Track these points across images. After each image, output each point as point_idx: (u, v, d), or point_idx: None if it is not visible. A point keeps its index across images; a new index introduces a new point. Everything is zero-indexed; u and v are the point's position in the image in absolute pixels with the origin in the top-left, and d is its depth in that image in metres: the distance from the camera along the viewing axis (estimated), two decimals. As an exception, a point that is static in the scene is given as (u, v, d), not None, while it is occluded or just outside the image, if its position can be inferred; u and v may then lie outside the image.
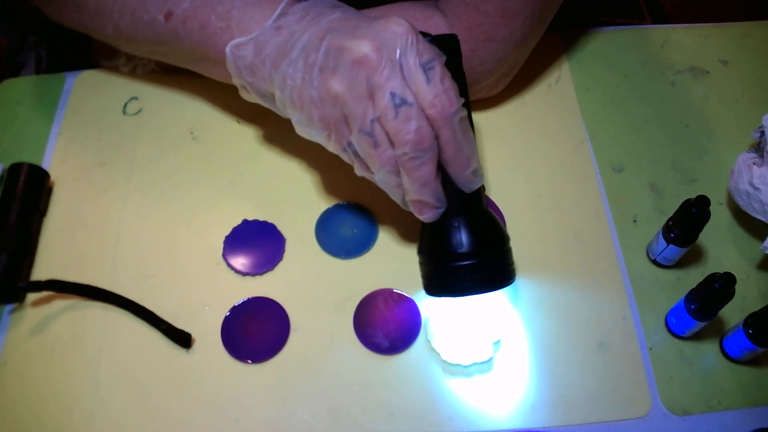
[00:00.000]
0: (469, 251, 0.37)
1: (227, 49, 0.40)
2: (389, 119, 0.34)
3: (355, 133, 0.36)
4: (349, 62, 0.34)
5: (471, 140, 0.36)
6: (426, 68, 0.34)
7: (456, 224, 0.37)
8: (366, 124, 0.35)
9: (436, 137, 0.35)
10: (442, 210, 0.38)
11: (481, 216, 0.38)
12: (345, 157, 0.39)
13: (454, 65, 0.37)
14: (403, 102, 0.34)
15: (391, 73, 0.34)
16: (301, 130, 0.39)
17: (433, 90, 0.34)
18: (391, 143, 0.35)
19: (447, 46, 0.37)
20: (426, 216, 0.38)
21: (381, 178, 0.37)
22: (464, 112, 0.35)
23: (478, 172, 0.37)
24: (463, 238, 0.37)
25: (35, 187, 0.48)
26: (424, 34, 0.37)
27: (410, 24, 0.34)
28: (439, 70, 0.34)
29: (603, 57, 0.56)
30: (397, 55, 0.34)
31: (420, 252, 0.40)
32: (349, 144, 0.37)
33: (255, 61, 0.39)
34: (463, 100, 0.35)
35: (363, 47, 0.34)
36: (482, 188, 0.39)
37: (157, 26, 0.44)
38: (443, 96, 0.34)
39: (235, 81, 0.41)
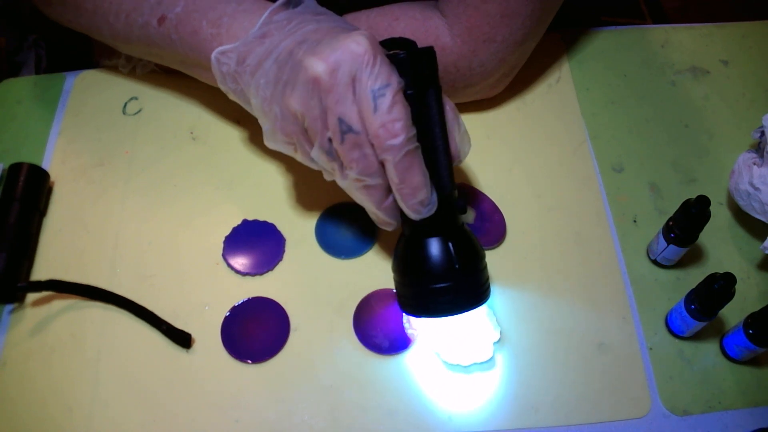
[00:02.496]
0: (442, 273, 0.36)
1: (213, 55, 0.39)
2: (337, 143, 0.34)
3: (315, 147, 0.36)
4: (304, 81, 0.34)
5: (418, 171, 0.34)
6: (376, 95, 0.32)
7: (428, 245, 0.37)
8: (324, 143, 0.35)
9: (383, 164, 0.34)
10: (397, 225, 0.38)
11: (455, 236, 0.37)
12: (313, 167, 0.39)
13: (425, 81, 0.35)
14: (349, 129, 0.33)
15: (342, 97, 0.33)
16: (268, 141, 0.39)
17: (378, 119, 0.33)
18: None
19: (420, 60, 0.35)
20: (385, 228, 0.38)
21: (345, 186, 0.37)
22: (411, 145, 0.33)
23: (426, 202, 0.35)
24: (435, 259, 0.36)
25: (35, 187, 0.48)
26: (403, 44, 0.36)
27: (372, 42, 0.33)
28: (388, 99, 0.32)
29: (603, 57, 0.56)
30: (350, 77, 0.33)
31: (393, 270, 0.39)
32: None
33: (237, 69, 0.38)
34: (414, 131, 0.33)
35: (317, 67, 0.33)
36: (455, 207, 0.37)
37: (151, 30, 0.44)
38: (388, 126, 0.33)
39: (221, 86, 0.41)
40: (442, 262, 0.36)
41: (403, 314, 0.44)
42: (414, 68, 0.35)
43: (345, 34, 0.34)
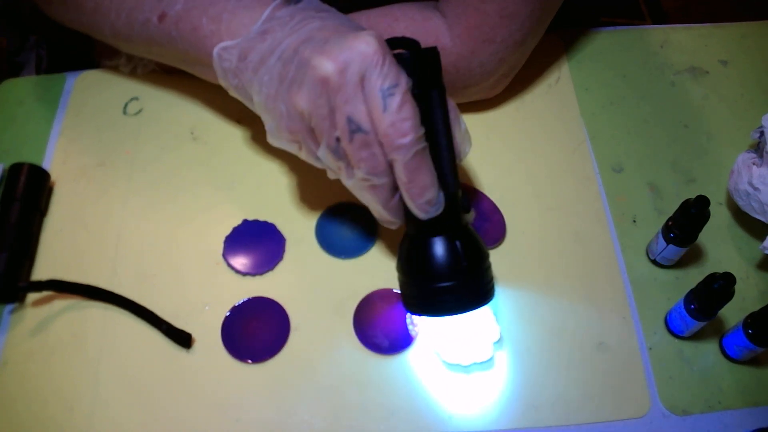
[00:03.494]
0: (448, 272, 0.36)
1: (214, 51, 0.39)
2: (345, 143, 0.34)
3: (322, 147, 0.36)
4: (312, 80, 0.34)
5: (426, 170, 0.35)
6: (385, 94, 0.33)
7: (434, 244, 0.37)
8: (331, 142, 0.35)
9: (392, 164, 0.34)
10: (400, 224, 0.38)
11: (460, 235, 0.37)
12: (318, 165, 0.39)
13: (430, 82, 0.36)
14: (358, 128, 0.33)
15: (352, 96, 0.33)
16: (272, 139, 0.39)
17: (388, 119, 0.33)
18: None
19: (425, 61, 0.36)
20: (389, 226, 0.39)
21: (350, 185, 0.37)
22: (420, 144, 0.34)
23: (434, 202, 0.35)
24: (441, 258, 0.36)
25: (36, 187, 0.48)
26: (407, 44, 0.36)
27: (380, 42, 0.33)
28: (398, 98, 0.33)
29: (603, 57, 0.56)
30: (359, 77, 0.33)
31: (398, 270, 0.39)
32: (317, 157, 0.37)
33: (239, 65, 0.38)
34: (422, 130, 0.34)
35: (326, 67, 0.33)
36: (459, 207, 0.38)
37: (151, 27, 0.44)
38: (398, 125, 0.33)
39: (221, 82, 0.41)
40: (448, 261, 0.36)
41: (407, 314, 0.44)
42: (420, 68, 0.35)
43: (353, 34, 0.34)
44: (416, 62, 0.35)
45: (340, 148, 0.35)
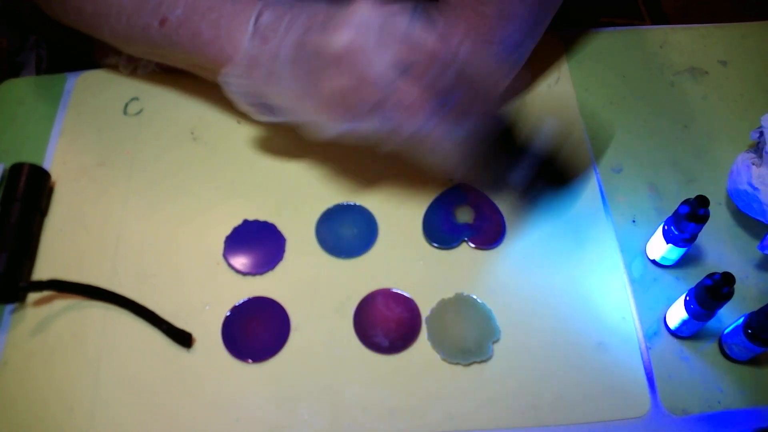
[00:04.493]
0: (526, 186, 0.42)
1: (219, 79, 0.40)
2: (402, 89, 0.35)
3: (368, 116, 0.36)
4: (331, 60, 0.34)
5: (495, 65, 0.37)
6: (413, 23, 0.34)
7: (503, 169, 0.41)
8: (374, 110, 0.35)
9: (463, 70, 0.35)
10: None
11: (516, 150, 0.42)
12: (372, 129, 0.38)
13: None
14: (406, 67, 0.34)
15: (380, 49, 0.34)
16: (320, 133, 0.39)
17: (432, 36, 0.34)
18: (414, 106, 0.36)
19: None
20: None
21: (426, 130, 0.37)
22: (465, 50, 0.36)
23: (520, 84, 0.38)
24: (515, 177, 0.41)
25: (36, 188, 0.48)
26: None
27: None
28: (422, 21, 0.34)
29: (602, 57, 0.56)
30: (379, 27, 0.34)
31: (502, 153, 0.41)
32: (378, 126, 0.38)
33: (249, 83, 0.39)
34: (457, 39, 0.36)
35: (340, 42, 0.34)
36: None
37: (153, 31, 0.44)
38: (444, 33, 0.35)
39: (240, 108, 0.42)
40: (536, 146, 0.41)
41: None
42: None
43: (349, 7, 0.35)
44: None
45: (383, 110, 0.36)
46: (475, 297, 0.45)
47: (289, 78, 0.36)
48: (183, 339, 0.43)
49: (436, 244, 0.47)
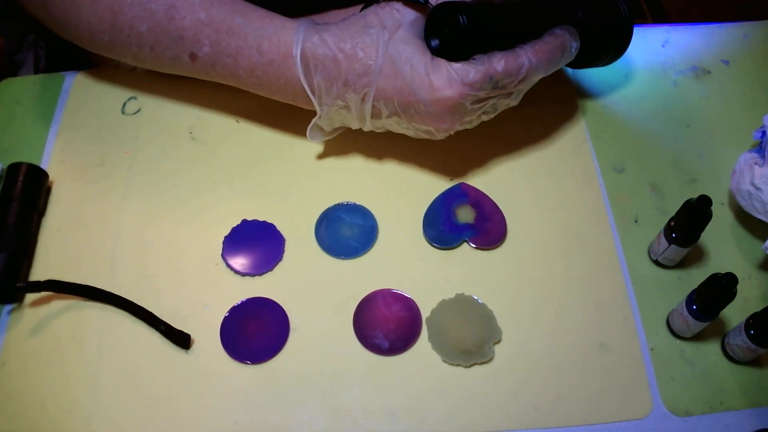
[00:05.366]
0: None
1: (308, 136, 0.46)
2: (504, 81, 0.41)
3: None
4: (431, 108, 0.41)
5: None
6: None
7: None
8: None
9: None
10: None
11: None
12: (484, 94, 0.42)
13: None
14: (497, 82, 0.41)
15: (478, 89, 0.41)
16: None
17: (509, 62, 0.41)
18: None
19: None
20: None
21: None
22: None
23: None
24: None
25: (34, 187, 0.48)
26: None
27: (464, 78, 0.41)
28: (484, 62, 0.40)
29: (604, 56, 0.56)
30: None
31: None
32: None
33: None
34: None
35: (437, 92, 0.40)
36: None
37: (185, 64, 0.45)
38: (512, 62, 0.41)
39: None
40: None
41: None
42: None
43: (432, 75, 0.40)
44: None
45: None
46: (475, 297, 0.44)
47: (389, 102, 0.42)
48: (181, 340, 0.43)
49: (436, 244, 0.47)
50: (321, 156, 0.51)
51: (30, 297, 0.46)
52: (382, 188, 0.49)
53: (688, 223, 0.41)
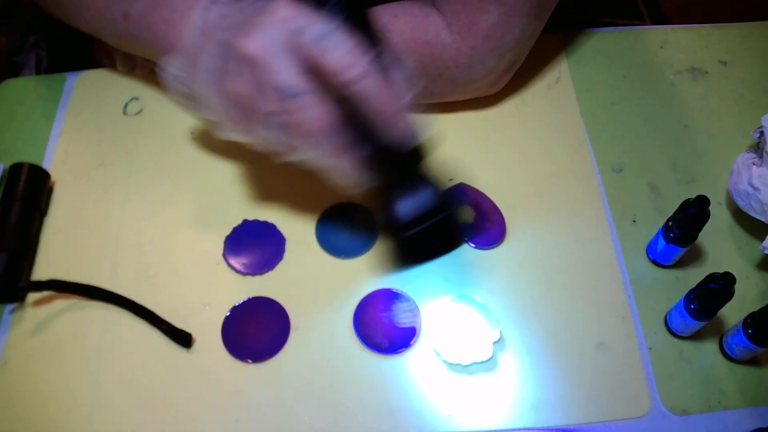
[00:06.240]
0: (408, 222, 0.36)
1: (157, 69, 0.41)
2: (282, 112, 0.34)
3: (261, 125, 0.35)
4: (238, 62, 0.34)
5: (388, 90, 0.34)
6: (323, 40, 0.32)
7: (394, 196, 0.36)
8: (268, 117, 0.34)
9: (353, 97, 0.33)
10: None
11: (414, 182, 0.36)
12: (273, 148, 0.38)
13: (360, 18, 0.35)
14: (291, 93, 0.33)
15: (276, 64, 0.33)
16: (220, 132, 0.39)
17: (335, 58, 0.32)
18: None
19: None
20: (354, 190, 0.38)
21: (304, 158, 0.36)
22: (374, 67, 0.33)
23: (407, 128, 0.35)
24: (401, 209, 0.36)
25: (36, 187, 0.48)
26: None
27: (292, 2, 0.33)
28: (337, 36, 0.32)
29: (603, 57, 0.56)
30: (285, 44, 0.33)
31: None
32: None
33: (184, 75, 0.40)
34: (371, 53, 0.33)
35: (247, 46, 0.33)
36: (416, 153, 0.37)
37: (118, 25, 0.45)
38: (347, 58, 0.32)
39: (173, 97, 0.42)
40: (410, 210, 0.36)
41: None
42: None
43: (267, 8, 0.34)
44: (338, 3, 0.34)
45: (281, 122, 0.34)
46: (475, 297, 0.45)
47: (207, 75, 0.36)
48: (183, 339, 0.43)
49: (436, 244, 0.47)
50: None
51: (32, 296, 0.46)
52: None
53: (686, 223, 0.41)
